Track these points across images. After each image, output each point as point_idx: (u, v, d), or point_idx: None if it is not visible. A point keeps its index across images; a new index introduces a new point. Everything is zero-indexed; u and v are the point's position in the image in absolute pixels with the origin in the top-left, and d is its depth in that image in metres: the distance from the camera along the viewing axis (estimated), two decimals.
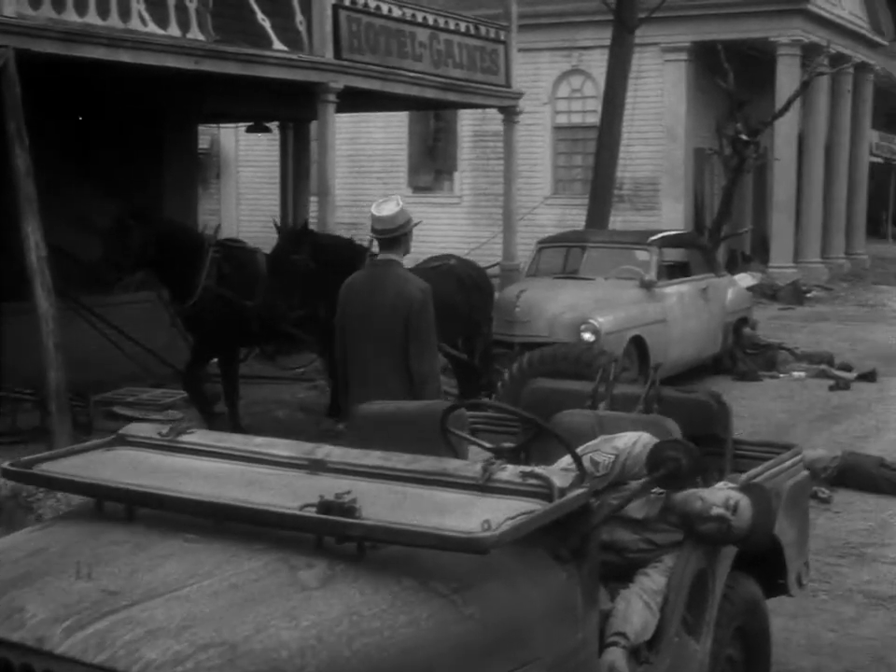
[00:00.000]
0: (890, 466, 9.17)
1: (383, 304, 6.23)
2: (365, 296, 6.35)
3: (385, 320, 6.22)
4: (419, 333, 6.23)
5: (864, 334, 18.38)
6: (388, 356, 6.24)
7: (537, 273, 13.35)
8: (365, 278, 6.56)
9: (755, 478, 4.51)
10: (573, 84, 26.54)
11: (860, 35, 28.48)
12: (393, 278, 6.30)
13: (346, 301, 6.48)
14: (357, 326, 6.35)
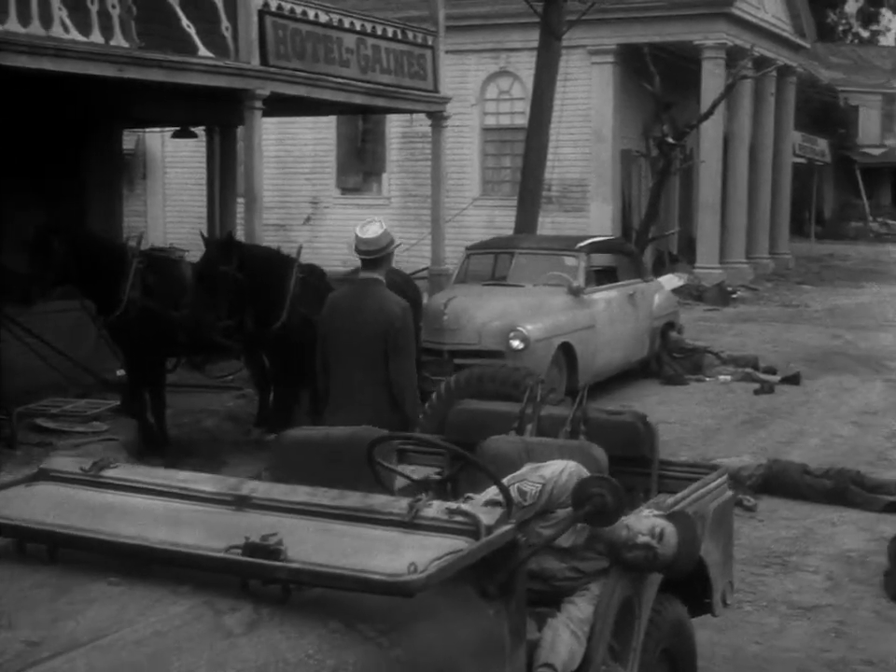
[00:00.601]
0: (813, 473, 9.31)
1: (365, 320, 6.59)
2: (348, 311, 6.72)
3: (367, 335, 6.56)
4: (400, 348, 6.60)
5: (788, 335, 18.66)
6: (369, 368, 6.57)
7: (465, 280, 13.36)
8: (349, 295, 6.96)
9: (681, 501, 4.56)
10: (501, 86, 26.62)
11: (783, 38, 28.87)
12: (375, 296, 6.68)
13: (330, 315, 6.86)
14: (339, 339, 6.70)
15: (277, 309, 9.52)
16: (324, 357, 6.84)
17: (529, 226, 17.99)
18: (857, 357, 16.48)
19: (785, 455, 10.53)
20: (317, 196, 28.26)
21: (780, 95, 29.78)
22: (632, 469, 5.15)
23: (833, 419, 12.27)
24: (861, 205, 49.11)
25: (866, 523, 8.56)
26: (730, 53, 25.52)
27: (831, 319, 21.02)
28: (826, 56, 50.95)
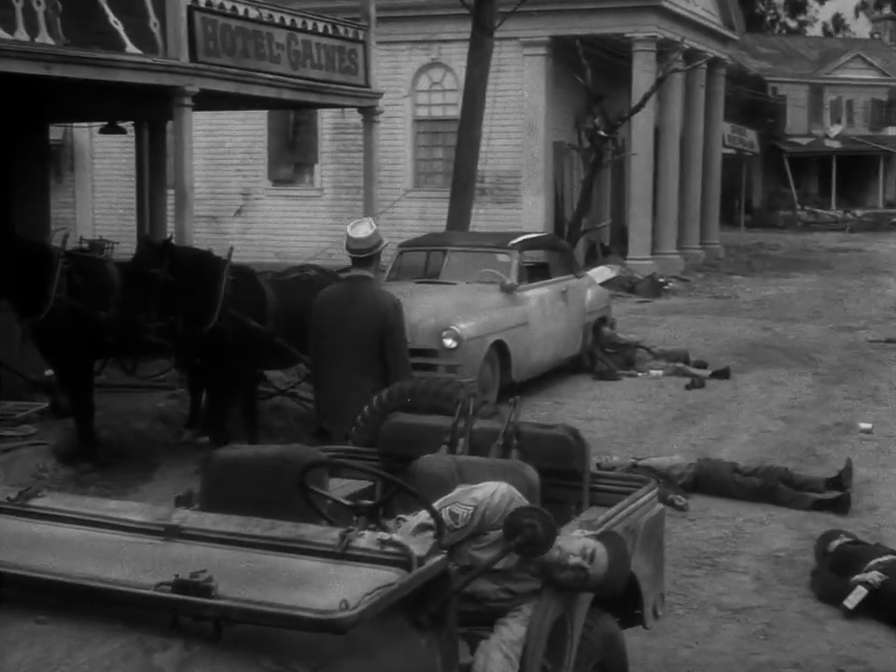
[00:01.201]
0: (743, 471, 9.42)
1: (358, 315, 6.94)
2: (341, 308, 7.05)
3: (360, 330, 6.92)
4: (395, 342, 7.03)
5: (719, 328, 18.86)
6: (362, 361, 6.92)
7: (398, 278, 13.33)
8: (341, 292, 7.27)
9: (612, 518, 4.59)
10: (433, 77, 26.60)
11: (712, 30, 29.16)
12: (367, 292, 7.09)
13: (322, 312, 7.23)
14: (333, 334, 7.06)
15: (209, 311, 9.42)
16: (316, 350, 7.22)
17: (462, 218, 17.99)
18: (785, 349, 16.71)
19: (715, 451, 10.66)
20: (249, 187, 28.07)
21: (710, 87, 30.07)
22: (563, 482, 5.18)
23: (762, 414, 12.41)
24: (789, 194, 49.81)
25: (794, 521, 8.68)
26: (661, 46, 25.74)
27: (760, 311, 21.29)
28: (754, 46, 51.56)
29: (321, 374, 7.32)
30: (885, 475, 10.00)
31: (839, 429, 11.72)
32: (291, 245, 26.76)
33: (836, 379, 14.48)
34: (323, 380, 7.30)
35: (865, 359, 15.96)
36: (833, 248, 37.61)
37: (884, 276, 28.32)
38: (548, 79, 25.58)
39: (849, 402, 13.09)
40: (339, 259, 26.45)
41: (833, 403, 13.04)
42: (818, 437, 11.41)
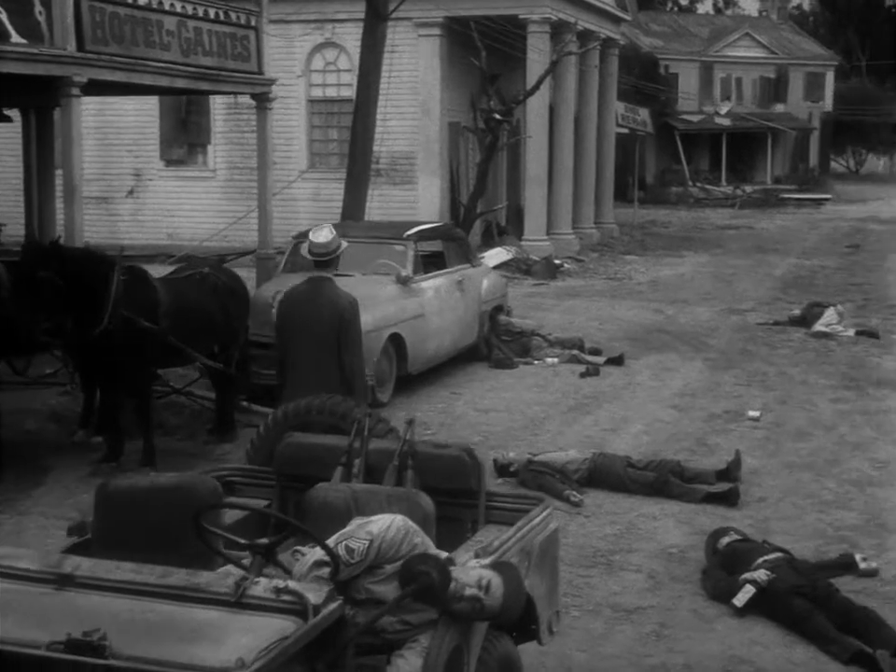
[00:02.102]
0: (636, 465, 9.58)
1: (320, 313, 7.70)
2: (304, 306, 7.82)
3: (321, 326, 7.69)
4: (350, 337, 7.78)
5: (613, 311, 19.10)
6: (325, 354, 7.69)
7: (293, 269, 13.22)
8: (304, 291, 7.97)
9: (508, 541, 4.65)
10: (327, 57, 26.38)
11: (605, 11, 29.34)
12: (327, 292, 7.82)
13: (287, 309, 8.02)
14: (297, 330, 7.81)
15: (99, 313, 9.26)
16: (282, 344, 8.00)
17: (358, 200, 17.96)
18: (678, 333, 16.99)
19: (610, 443, 10.83)
20: (141, 168, 27.59)
21: (604, 67, 30.33)
22: (459, 500, 5.23)
23: (655, 403, 12.62)
24: (681, 171, 50.56)
25: (686, 515, 8.86)
26: (555, 27, 25.85)
27: (653, 292, 21.60)
28: (647, 24, 52.08)
29: (286, 365, 8.00)
30: (772, 465, 10.25)
31: (729, 417, 11.97)
32: (185, 226, 26.43)
33: (726, 364, 14.77)
34: (288, 370, 7.97)
35: (754, 343, 16.30)
36: (724, 226, 38.30)
37: (772, 255, 28.92)
38: (443, 60, 25.51)
39: (739, 388, 13.38)
40: (233, 239, 26.20)
41: (723, 390, 13.31)
42: (708, 425, 11.64)
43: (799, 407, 12.48)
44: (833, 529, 8.58)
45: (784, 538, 8.29)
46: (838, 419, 11.94)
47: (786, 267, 26.36)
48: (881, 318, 18.63)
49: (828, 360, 15.06)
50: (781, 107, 56.88)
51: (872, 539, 8.35)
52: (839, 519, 8.79)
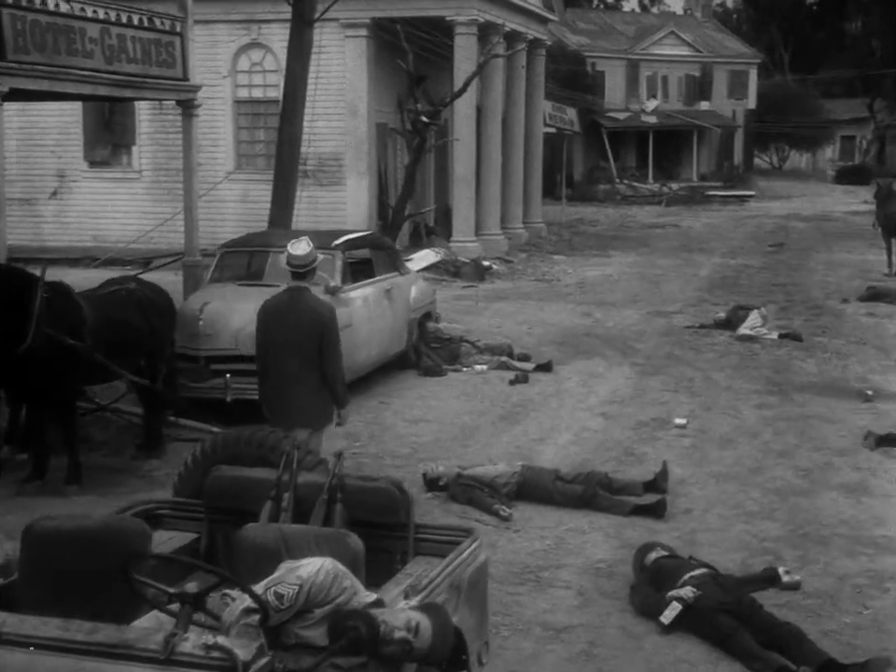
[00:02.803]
0: (564, 478, 9.65)
1: (300, 321, 8.08)
2: (284, 315, 8.19)
3: (301, 332, 8.06)
4: (330, 344, 8.18)
5: (541, 315, 19.20)
6: (305, 359, 8.09)
7: (220, 279, 13.13)
8: (283, 301, 8.32)
9: (438, 577, 4.67)
10: (253, 57, 26.22)
11: (532, 12, 29.46)
12: (306, 301, 8.21)
13: (267, 319, 8.35)
14: (277, 337, 8.18)
15: (22, 331, 9.13)
16: (262, 351, 8.34)
17: (286, 202, 17.82)
18: (605, 337, 17.13)
19: (539, 454, 10.90)
20: (64, 169, 27.22)
21: (531, 68, 30.46)
22: (389, 533, 5.24)
23: (583, 411, 12.72)
24: (608, 168, 50.96)
25: (614, 529, 8.94)
26: (482, 29, 25.91)
27: (581, 294, 21.75)
28: (573, 22, 52.37)
29: (267, 371, 8.37)
30: (698, 474, 10.38)
31: (656, 425, 12.10)
32: (110, 228, 26.14)
33: (653, 369, 14.93)
34: (269, 376, 8.34)
35: (680, 347, 16.49)
36: (650, 224, 38.70)
37: (698, 254, 29.27)
38: (370, 61, 25.48)
39: (665, 395, 13.52)
40: (160, 242, 25.87)
41: (650, 396, 13.44)
42: (636, 434, 11.76)
43: (724, 413, 12.65)
44: (757, 541, 8.71)
45: (710, 550, 8.42)
46: (762, 426, 12.12)
47: (711, 267, 26.68)
48: (804, 320, 18.93)
49: (752, 364, 15.28)
50: (706, 105, 57.56)
51: (795, 551, 8.49)
52: (763, 530, 8.93)
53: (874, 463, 10.74)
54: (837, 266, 26.86)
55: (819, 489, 9.98)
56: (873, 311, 19.82)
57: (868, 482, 10.18)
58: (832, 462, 10.75)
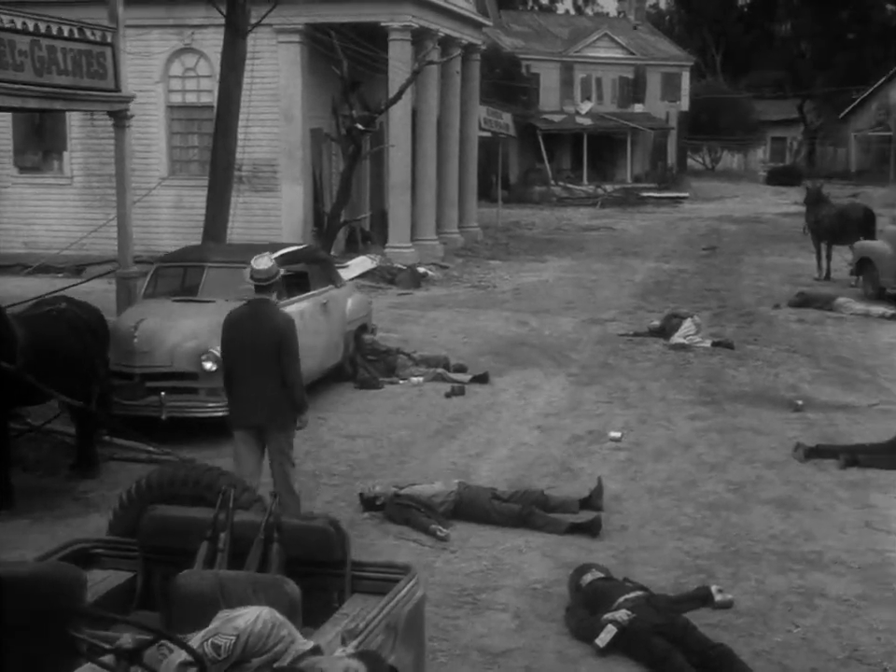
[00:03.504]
0: (501, 497, 9.71)
1: (261, 331, 8.64)
2: (247, 325, 8.74)
3: (262, 342, 8.61)
4: (288, 351, 8.68)
5: (477, 323, 19.26)
6: (266, 366, 8.62)
7: (154, 294, 13.05)
8: (247, 312, 8.89)
9: (374, 620, 4.69)
10: (186, 63, 26.04)
11: (466, 17, 29.54)
12: (268, 312, 8.80)
13: (231, 329, 8.88)
14: (241, 347, 8.70)
15: None
16: (228, 359, 8.88)
17: (221, 209, 17.77)
18: (541, 347, 17.23)
19: (475, 470, 10.95)
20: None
21: (465, 73, 30.55)
22: (326, 571, 5.25)
23: (519, 424, 12.78)
24: (543, 170, 51.21)
25: (550, 548, 9.01)
26: (416, 34, 25.94)
27: (517, 301, 21.84)
28: (508, 24, 52.53)
29: (233, 378, 8.85)
30: (633, 489, 10.49)
31: (591, 438, 12.20)
32: (42, 235, 25.82)
33: (588, 380, 15.04)
34: (234, 383, 8.85)
35: (615, 356, 16.63)
36: (585, 227, 38.95)
37: (632, 258, 29.51)
38: (304, 67, 25.39)
39: (601, 406, 13.64)
40: (92, 248, 25.59)
41: (586, 408, 13.55)
42: (571, 448, 11.84)
43: (658, 425, 12.78)
44: (690, 558, 8.82)
45: (645, 569, 8.52)
46: (696, 438, 12.27)
47: (646, 271, 26.92)
48: (736, 327, 19.18)
49: (686, 374, 15.45)
50: (640, 107, 58.05)
51: (727, 568, 8.62)
52: (697, 547, 9.04)
53: (804, 476, 10.92)
54: (768, 270, 27.23)
55: (751, 503, 10.12)
56: (803, 317, 20.12)
57: (798, 495, 10.34)
58: (763, 475, 10.92)
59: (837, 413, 13.35)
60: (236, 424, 8.87)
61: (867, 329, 19.05)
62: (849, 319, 19.99)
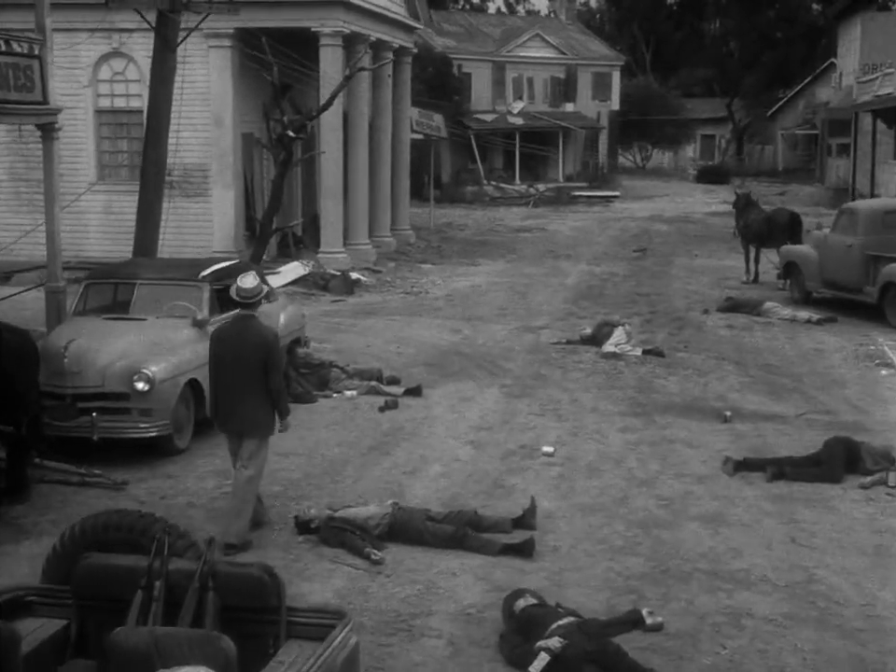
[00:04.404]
0: (435, 518, 9.77)
1: (247, 345, 9.42)
2: (234, 340, 9.51)
3: (248, 355, 9.39)
4: (272, 364, 9.48)
5: (410, 331, 19.31)
6: (251, 378, 9.40)
7: (84, 311, 12.95)
8: (233, 327, 9.67)
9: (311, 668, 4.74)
10: (115, 67, 25.80)
11: (398, 21, 29.55)
12: (254, 328, 9.57)
13: (219, 342, 9.62)
14: (228, 359, 9.45)
15: None
16: (215, 371, 9.61)
17: (152, 212, 17.68)
18: (474, 356, 17.33)
19: (409, 488, 11.01)
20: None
21: (397, 75, 30.58)
22: (261, 617, 5.28)
23: (452, 439, 12.85)
24: (476, 170, 51.38)
25: (484, 570, 9.08)
26: (347, 39, 25.93)
27: (450, 308, 21.92)
28: (439, 24, 52.60)
29: (218, 387, 9.59)
30: (565, 507, 10.61)
31: (524, 453, 12.30)
32: None
33: (521, 391, 15.15)
34: (220, 392, 9.59)
35: (548, 366, 16.77)
36: (518, 227, 39.14)
37: (564, 261, 29.73)
38: (234, 71, 25.27)
39: (533, 419, 13.75)
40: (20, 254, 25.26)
41: (518, 421, 13.65)
42: (504, 464, 11.93)
43: (590, 438, 12.92)
44: (622, 579, 8.95)
45: (577, 591, 8.65)
46: (627, 451, 12.42)
47: (578, 275, 27.14)
48: (667, 333, 19.42)
49: (617, 384, 15.62)
50: (571, 107, 58.41)
51: (658, 588, 8.76)
52: (628, 567, 9.18)
53: (732, 490, 11.12)
54: (698, 273, 27.59)
55: (681, 520, 10.29)
56: (732, 322, 20.43)
57: (726, 511, 10.53)
58: (692, 490, 11.09)
59: (765, 424, 13.59)
60: (220, 428, 9.90)
61: (794, 335, 19.38)
62: (777, 324, 20.34)
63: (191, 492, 10.96)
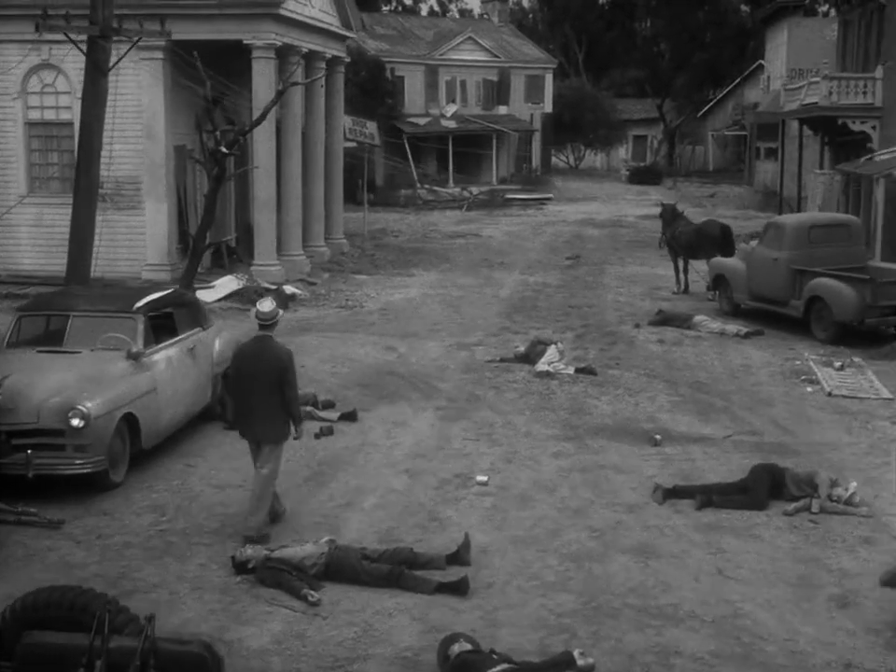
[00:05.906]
0: (371, 556, 9.91)
1: (264, 363, 10.68)
2: (253, 358, 10.78)
3: (267, 372, 10.65)
4: (288, 380, 10.75)
5: (345, 349, 19.39)
6: (269, 393, 10.64)
7: (18, 343, 12.89)
8: (253, 346, 10.94)
9: None
10: (45, 78, 25.59)
11: (330, 31, 29.59)
12: (270, 346, 10.84)
13: (240, 361, 10.98)
14: (249, 374, 10.72)
15: None
16: (236, 385, 11.04)
17: (86, 226, 17.69)
18: (409, 376, 17.46)
19: (345, 522, 11.14)
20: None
21: (330, 85, 30.64)
22: None
23: (388, 467, 12.97)
24: (409, 173, 51.47)
25: (420, 610, 9.22)
26: (280, 51, 25.93)
27: (385, 323, 22.03)
28: (372, 27, 52.57)
29: (240, 399, 10.96)
30: (499, 540, 10.78)
31: (458, 482, 12.45)
32: None
33: (456, 414, 15.31)
34: (240, 404, 10.95)
35: (482, 386, 16.94)
36: (452, 233, 39.34)
37: (498, 271, 29.96)
38: (166, 83, 25.18)
39: (468, 444, 13.91)
40: None
41: (453, 447, 13.81)
42: (439, 494, 12.07)
43: (524, 465, 13.12)
44: (554, 616, 9.15)
45: (511, 630, 8.84)
46: (559, 479, 12.63)
47: (512, 285, 27.38)
48: (599, 349, 19.70)
49: (550, 405, 15.84)
50: (504, 109, 58.70)
51: (589, 626, 8.97)
52: (560, 604, 9.37)
53: (661, 519, 11.37)
54: (630, 282, 27.97)
55: (611, 552, 10.51)
56: (662, 337, 20.77)
57: (656, 542, 10.78)
58: (623, 520, 11.32)
59: (694, 447, 13.89)
60: (242, 435, 11.11)
61: (723, 350, 19.76)
62: (706, 338, 20.73)
63: (128, 529, 10.98)
